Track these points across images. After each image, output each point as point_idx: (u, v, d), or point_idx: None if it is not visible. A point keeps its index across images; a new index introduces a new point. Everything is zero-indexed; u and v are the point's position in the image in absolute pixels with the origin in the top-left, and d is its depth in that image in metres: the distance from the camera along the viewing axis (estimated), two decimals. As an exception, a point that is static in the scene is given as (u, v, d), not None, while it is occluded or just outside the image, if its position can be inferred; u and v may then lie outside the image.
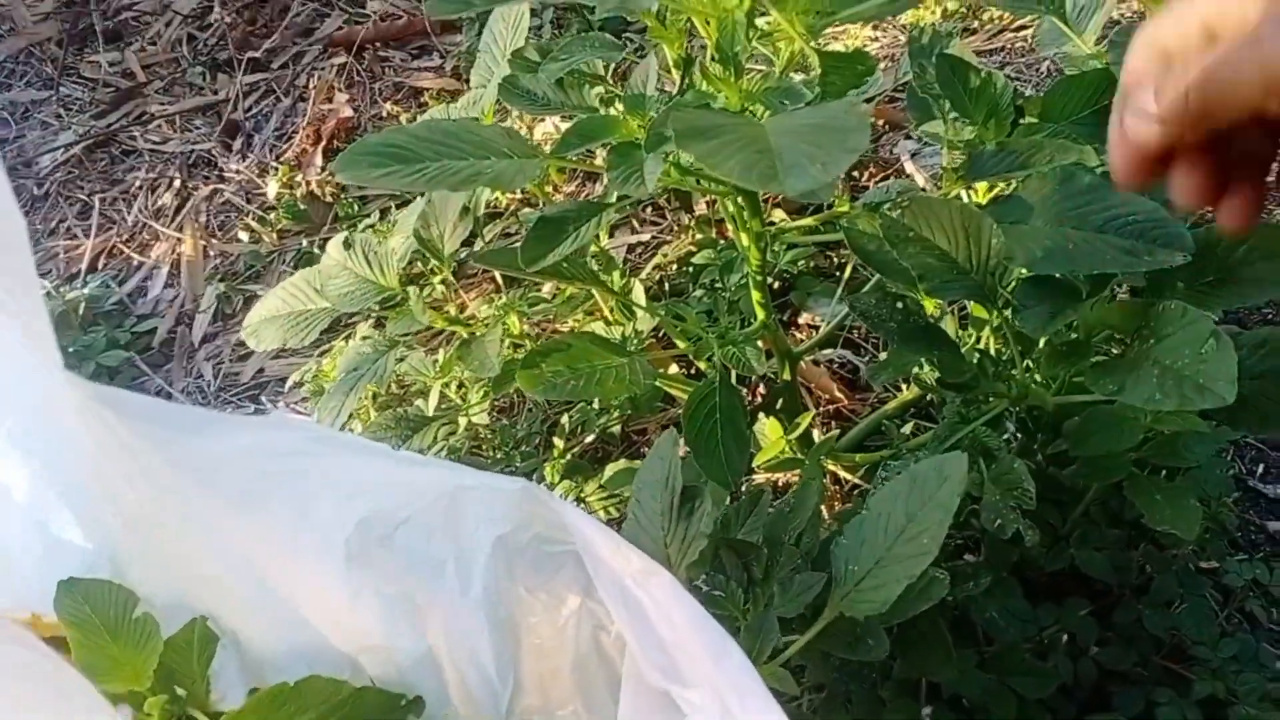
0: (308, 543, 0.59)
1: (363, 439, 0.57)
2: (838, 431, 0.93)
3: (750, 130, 0.59)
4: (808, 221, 0.94)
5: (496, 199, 1.44)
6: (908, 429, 0.99)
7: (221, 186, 1.65)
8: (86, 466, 0.59)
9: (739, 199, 0.84)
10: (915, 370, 0.81)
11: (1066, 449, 0.78)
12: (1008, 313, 0.66)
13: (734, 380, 0.83)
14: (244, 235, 1.56)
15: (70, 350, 1.41)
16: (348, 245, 0.86)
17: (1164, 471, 0.78)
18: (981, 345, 0.75)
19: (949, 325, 0.81)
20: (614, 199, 0.78)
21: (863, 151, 0.55)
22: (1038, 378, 0.68)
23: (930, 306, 0.76)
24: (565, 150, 0.73)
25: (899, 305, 0.74)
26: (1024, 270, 0.70)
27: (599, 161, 0.77)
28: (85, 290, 1.49)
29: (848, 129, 0.57)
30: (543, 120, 1.50)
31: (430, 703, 0.61)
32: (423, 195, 1.09)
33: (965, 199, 0.80)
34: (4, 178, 0.48)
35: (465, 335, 0.90)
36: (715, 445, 0.77)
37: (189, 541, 0.62)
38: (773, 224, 0.93)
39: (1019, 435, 0.71)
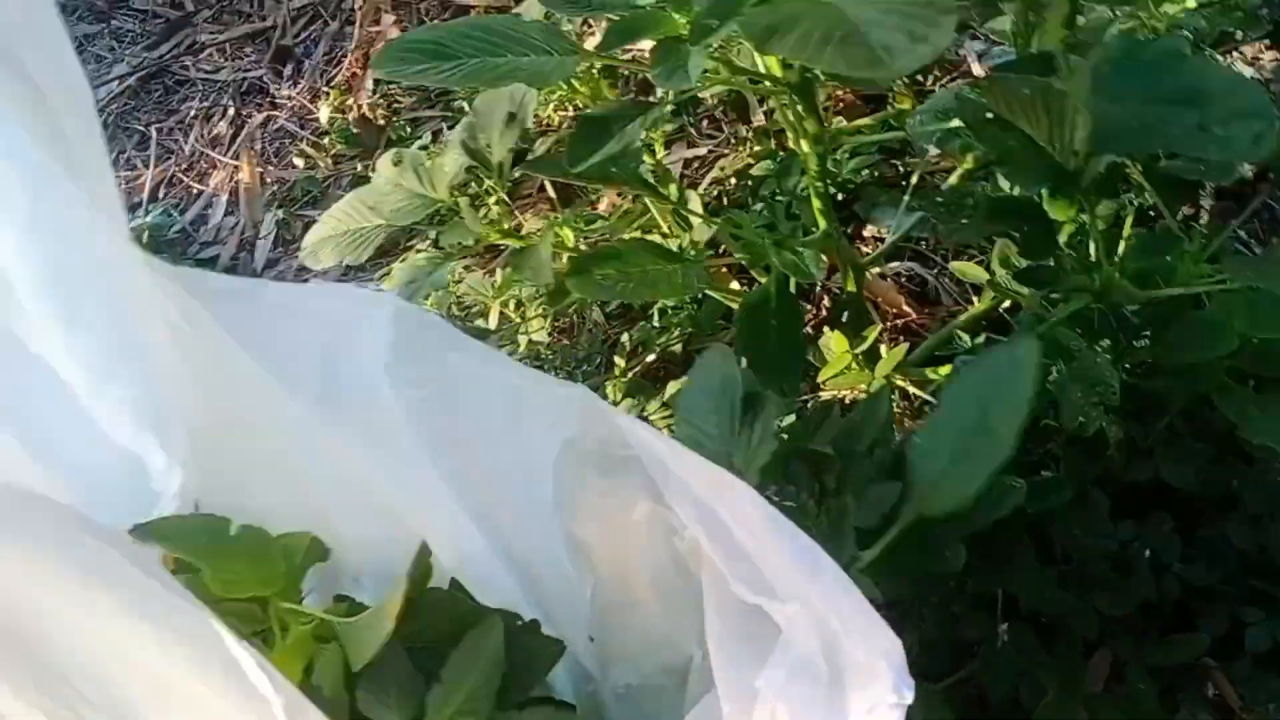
0: (386, 443, 0.58)
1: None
2: (907, 345, 0.89)
3: (823, 13, 0.55)
4: (868, 121, 0.90)
5: (548, 116, 1.40)
6: (979, 341, 0.95)
7: (275, 113, 1.64)
8: (163, 361, 0.59)
9: (795, 101, 0.80)
10: (990, 274, 0.77)
11: (1150, 359, 0.74)
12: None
13: (793, 289, 0.80)
14: (299, 161, 1.55)
15: (133, 279, 1.41)
16: (397, 162, 0.84)
17: (1252, 382, 0.73)
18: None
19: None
20: (662, 99, 0.75)
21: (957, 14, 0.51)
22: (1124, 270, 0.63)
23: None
24: (608, 47, 0.69)
25: (968, 201, 0.70)
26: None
27: (642, 63, 0.74)
28: (148, 219, 1.50)
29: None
30: (593, 34, 1.45)
31: (515, 602, 0.60)
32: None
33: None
34: (68, 45, 0.46)
35: (516, 248, 0.88)
36: (769, 349, 0.74)
37: (265, 438, 0.61)
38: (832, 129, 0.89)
39: (1101, 337, 0.67)
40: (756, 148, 1.23)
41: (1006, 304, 0.97)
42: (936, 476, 0.55)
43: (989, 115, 0.64)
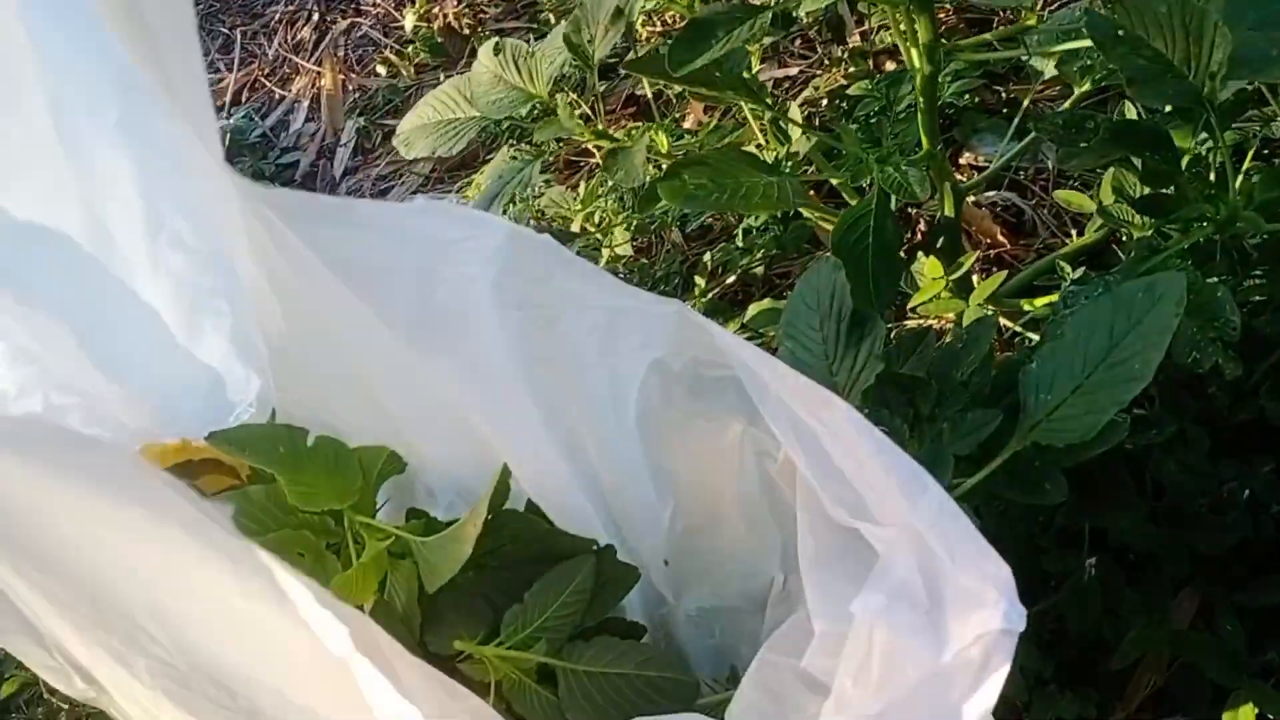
0: (478, 363, 0.57)
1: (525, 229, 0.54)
2: (1004, 274, 0.87)
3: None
4: (974, 41, 0.86)
5: (638, 31, 1.38)
6: (1080, 274, 0.92)
7: (359, 20, 1.63)
8: (247, 275, 0.59)
9: (910, 14, 0.77)
10: (1103, 202, 0.74)
11: (1263, 295, 0.71)
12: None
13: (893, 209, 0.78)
14: (382, 69, 1.54)
15: (218, 181, 1.43)
16: (498, 51, 0.83)
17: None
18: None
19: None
20: (764, 4, 0.73)
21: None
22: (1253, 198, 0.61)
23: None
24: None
25: (1088, 124, 0.68)
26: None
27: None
28: (230, 122, 1.51)
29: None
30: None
31: (590, 526, 0.60)
32: (561, 23, 1.04)
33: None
34: None
35: (611, 148, 0.87)
36: (864, 269, 0.72)
37: (346, 354, 0.61)
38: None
39: (1218, 270, 0.65)
40: (851, 69, 1.20)
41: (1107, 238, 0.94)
42: (1055, 407, 0.53)
43: (1119, 33, 0.61)
